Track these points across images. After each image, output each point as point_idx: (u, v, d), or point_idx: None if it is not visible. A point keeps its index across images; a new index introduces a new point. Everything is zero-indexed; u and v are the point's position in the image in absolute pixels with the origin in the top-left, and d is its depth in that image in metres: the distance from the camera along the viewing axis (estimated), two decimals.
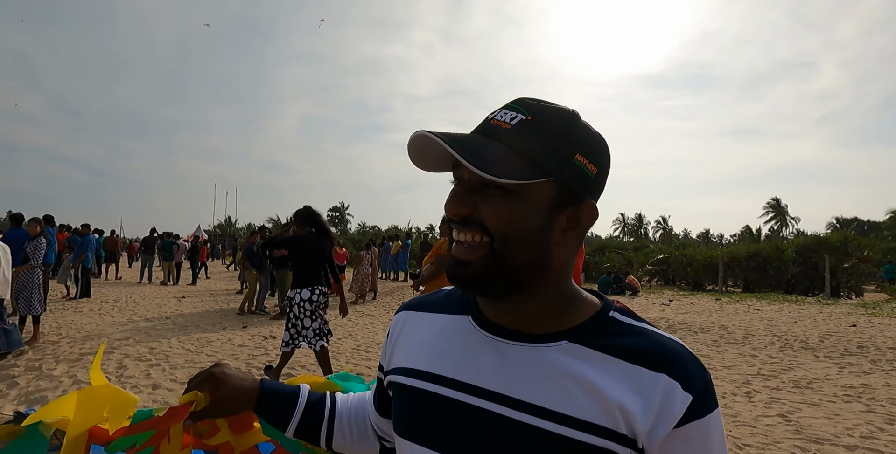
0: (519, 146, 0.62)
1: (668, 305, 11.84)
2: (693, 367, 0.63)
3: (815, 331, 8.08)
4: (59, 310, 9.56)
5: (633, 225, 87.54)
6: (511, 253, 0.63)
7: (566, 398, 0.62)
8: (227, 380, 0.84)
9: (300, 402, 0.89)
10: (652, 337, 0.65)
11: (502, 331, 0.68)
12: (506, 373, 0.65)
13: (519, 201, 0.62)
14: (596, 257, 23.60)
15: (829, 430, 3.83)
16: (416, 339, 0.76)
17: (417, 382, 0.71)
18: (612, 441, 0.60)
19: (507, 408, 0.63)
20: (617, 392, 0.61)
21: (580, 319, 0.67)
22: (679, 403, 0.60)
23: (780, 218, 72.30)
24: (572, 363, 0.64)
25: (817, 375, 5.52)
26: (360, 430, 0.91)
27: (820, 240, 18.52)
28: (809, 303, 12.33)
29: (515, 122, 0.63)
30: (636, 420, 0.60)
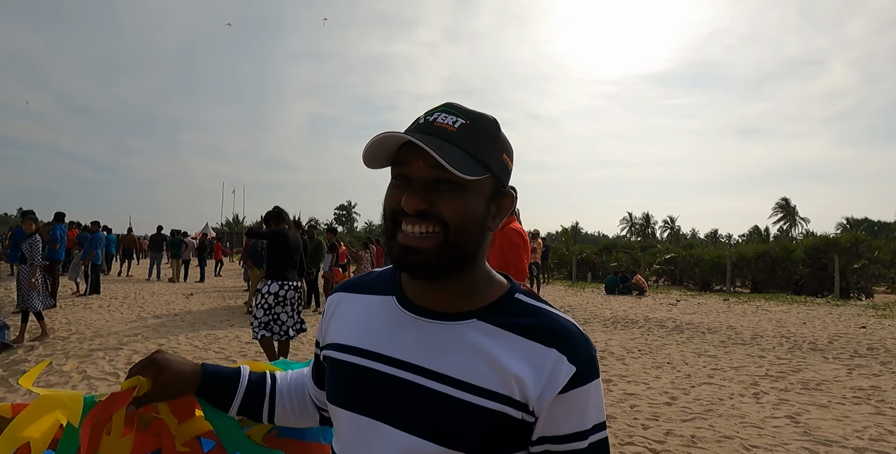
0: (467, 147, 0.72)
1: (675, 305, 11.79)
2: (579, 344, 0.73)
3: (824, 333, 8.02)
4: (69, 306, 9.65)
5: (641, 224, 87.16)
6: (463, 240, 0.72)
7: (472, 369, 0.72)
8: (169, 365, 0.88)
9: (242, 382, 0.95)
10: (548, 316, 0.76)
11: (422, 311, 0.77)
12: (423, 348, 0.75)
13: (469, 195, 0.72)
14: (603, 257, 23.53)
15: (837, 432, 3.80)
16: (348, 318, 0.85)
17: (347, 356, 0.80)
18: (508, 406, 0.71)
19: (423, 378, 0.73)
20: (514, 364, 0.71)
21: (489, 300, 0.77)
22: (564, 373, 0.71)
23: (789, 218, 71.74)
24: (479, 339, 0.74)
25: (826, 377, 5.48)
26: (300, 403, 0.98)
27: (829, 240, 18.36)
28: (818, 305, 12.24)
29: (458, 126, 0.73)
30: (528, 387, 0.70)
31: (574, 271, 21.36)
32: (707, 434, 3.73)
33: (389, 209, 0.74)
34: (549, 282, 18.50)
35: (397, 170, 0.74)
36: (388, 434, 0.73)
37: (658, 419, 4.06)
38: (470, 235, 0.72)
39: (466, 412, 0.70)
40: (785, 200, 72.77)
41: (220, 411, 0.94)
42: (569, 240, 25.52)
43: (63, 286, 11.41)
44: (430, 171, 0.70)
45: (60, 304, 9.67)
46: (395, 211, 0.73)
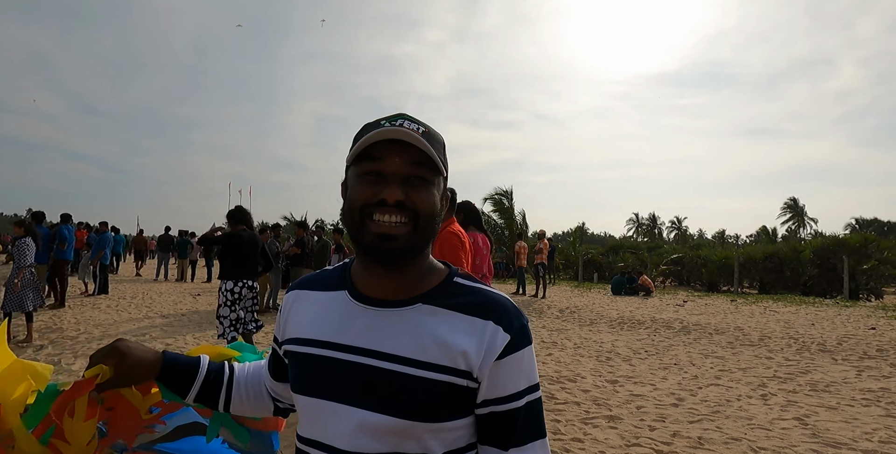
0: (428, 150, 0.80)
1: (682, 306, 11.72)
2: (512, 315, 0.83)
3: (832, 334, 7.95)
4: (77, 306, 9.73)
5: (647, 225, 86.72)
6: (427, 229, 0.82)
7: (417, 347, 0.80)
8: (131, 353, 0.94)
9: (200, 371, 1.01)
10: (484, 294, 0.85)
11: (371, 301, 0.85)
12: (373, 333, 0.82)
13: (434, 189, 0.83)
14: (609, 257, 23.45)
15: (846, 435, 3.76)
16: (304, 314, 0.91)
17: (305, 348, 0.87)
18: (453, 375, 0.79)
19: (375, 359, 0.81)
20: (457, 338, 0.80)
21: (432, 285, 0.86)
22: (500, 341, 0.80)
23: (797, 218, 71.14)
24: (424, 319, 0.82)
25: (835, 378, 5.43)
26: (255, 394, 1.05)
27: (838, 241, 18.20)
28: (827, 306, 12.13)
29: (421, 132, 0.82)
30: (471, 357, 0.79)
31: (580, 272, 21.29)
32: (714, 435, 3.71)
33: (360, 202, 0.81)
34: (555, 282, 18.44)
35: (368, 165, 0.82)
36: (348, 412, 0.81)
37: (665, 420, 4.04)
38: (432, 224, 0.83)
39: (416, 385, 0.79)
40: (793, 200, 72.18)
41: (178, 396, 0.99)
42: (575, 241, 25.44)
43: (72, 286, 11.50)
44: (407, 167, 0.80)
45: (69, 304, 9.74)
46: (366, 203, 0.81)
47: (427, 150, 0.80)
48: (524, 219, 22.35)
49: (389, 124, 0.81)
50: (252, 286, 5.27)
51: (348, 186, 0.86)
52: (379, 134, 0.80)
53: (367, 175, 0.82)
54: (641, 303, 12.29)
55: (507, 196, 21.99)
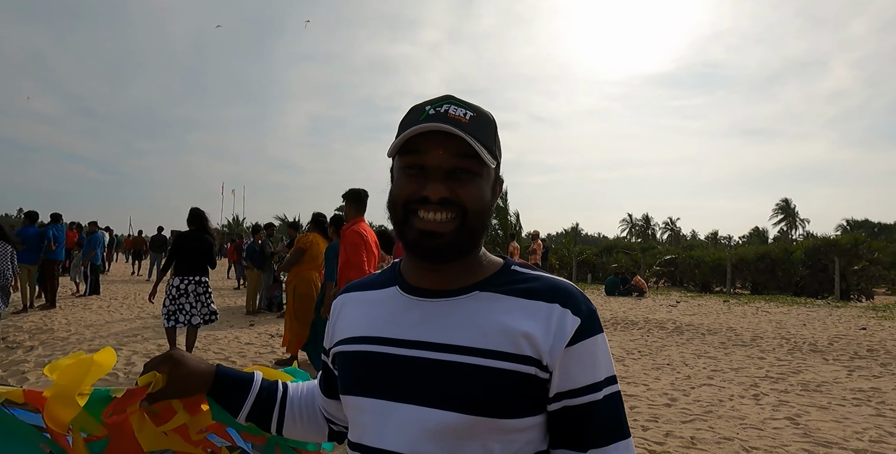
0: (479, 137, 0.75)
1: (675, 307, 11.77)
2: (580, 299, 0.78)
3: (824, 334, 8.01)
4: (68, 306, 9.65)
5: (641, 225, 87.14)
6: (478, 224, 0.77)
7: (477, 334, 0.74)
8: (185, 363, 0.89)
9: (254, 387, 0.94)
10: (546, 279, 0.80)
11: (424, 292, 0.80)
12: (426, 324, 0.77)
13: (482, 182, 0.78)
14: (603, 258, 23.50)
15: (837, 434, 3.79)
16: (353, 315, 0.87)
17: (354, 346, 0.82)
18: (519, 363, 0.72)
19: (430, 351, 0.75)
20: (520, 322, 0.74)
21: (488, 273, 0.81)
22: (570, 325, 0.74)
23: (789, 219, 71.70)
24: (481, 306, 0.77)
25: (826, 378, 5.47)
26: (310, 415, 0.98)
27: (830, 241, 18.33)
28: (819, 306, 12.22)
29: (469, 118, 0.76)
30: (538, 341, 0.73)
31: (574, 272, 21.34)
32: (707, 435, 3.72)
33: (403, 197, 0.76)
34: None
35: (411, 159, 0.77)
36: (406, 411, 0.74)
37: (658, 420, 4.05)
38: (482, 219, 0.78)
39: (478, 376, 0.72)
40: (785, 201, 72.74)
41: (228, 414, 0.94)
42: (569, 242, 25.50)
43: (63, 286, 11.40)
44: (451, 159, 0.75)
45: (60, 305, 9.66)
46: (409, 199, 0.76)
47: (472, 142, 0.73)
48: (518, 219, 22.39)
49: (434, 110, 0.76)
50: (200, 281, 5.55)
51: (392, 179, 0.82)
52: (420, 129, 0.74)
53: (410, 168, 0.77)
54: (635, 304, 12.33)
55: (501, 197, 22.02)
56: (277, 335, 7.27)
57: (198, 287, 5.51)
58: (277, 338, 7.08)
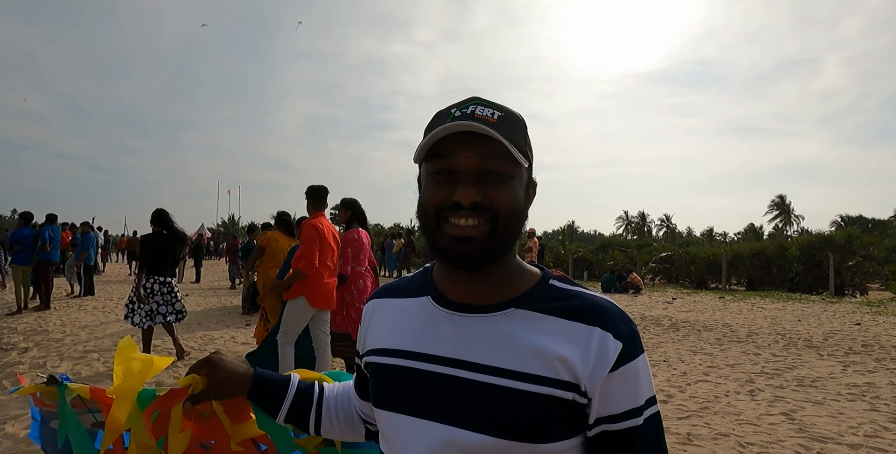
0: (508, 137, 0.72)
1: (671, 303, 11.82)
2: (620, 320, 0.73)
3: (819, 330, 8.05)
4: (63, 308, 9.60)
5: (637, 223, 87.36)
6: (510, 228, 0.74)
7: (513, 356, 0.71)
8: (223, 365, 0.93)
9: (290, 389, 0.96)
10: (586, 298, 0.76)
11: (458, 306, 0.77)
12: (461, 341, 0.74)
13: (515, 184, 0.74)
14: (599, 255, 23.56)
15: (832, 429, 3.81)
16: (385, 323, 0.85)
17: (387, 359, 0.80)
18: (555, 387, 0.70)
19: (462, 370, 0.72)
20: (558, 345, 0.71)
21: (525, 288, 0.77)
22: (612, 350, 0.71)
23: (784, 216, 72.02)
24: (518, 326, 0.73)
25: (821, 374, 5.50)
26: (346, 415, 0.98)
27: (824, 238, 18.43)
28: (813, 302, 12.29)
29: (497, 117, 0.73)
30: (576, 367, 0.70)
31: (570, 270, 21.38)
32: (703, 431, 3.73)
33: (434, 204, 0.73)
34: None
35: (439, 163, 0.74)
36: (435, 430, 0.72)
37: None
38: (516, 223, 0.74)
39: (515, 400, 0.70)
40: (780, 198, 73.05)
41: (273, 421, 0.97)
42: (565, 239, 25.55)
43: (58, 287, 11.34)
44: (480, 161, 0.71)
45: (55, 306, 9.61)
46: (440, 206, 0.73)
47: (503, 140, 0.70)
48: None
49: (460, 112, 0.73)
50: (165, 281, 5.62)
51: (420, 185, 0.78)
52: (446, 128, 0.71)
53: (439, 174, 0.73)
54: (631, 301, 12.37)
55: None
56: None
57: (163, 287, 5.61)
58: None
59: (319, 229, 4.18)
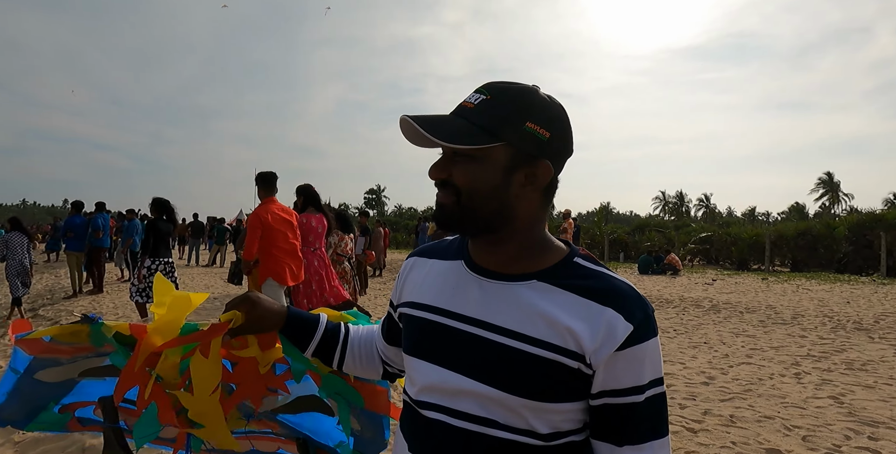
0: (476, 119, 0.77)
1: (711, 285, 11.55)
2: (635, 304, 0.78)
3: (869, 312, 7.75)
4: (114, 291, 10.06)
5: (675, 203, 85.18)
6: (474, 204, 0.79)
7: (528, 322, 0.78)
8: (261, 303, 1.02)
9: (320, 327, 1.06)
10: (605, 278, 0.81)
11: (485, 272, 0.85)
12: (485, 304, 0.82)
13: (479, 164, 0.78)
14: (636, 236, 23.15)
15: (884, 414, 3.69)
16: (421, 279, 0.93)
17: (420, 312, 0.89)
18: (562, 355, 0.77)
19: (484, 330, 0.81)
20: (568, 319, 0.77)
21: (550, 263, 0.84)
22: (621, 331, 0.76)
23: (832, 194, 68.95)
24: (537, 296, 0.80)
25: (872, 357, 5.31)
26: (367, 355, 1.09)
27: (875, 216, 17.55)
28: (863, 283, 11.81)
29: (478, 102, 0.78)
30: (584, 340, 0.76)
31: (606, 252, 21.10)
32: (747, 413, 3.68)
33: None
34: None
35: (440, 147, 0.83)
36: (454, 378, 0.81)
37: (696, 399, 4.02)
38: (481, 201, 0.79)
39: (523, 360, 0.77)
40: (828, 175, 69.85)
41: (297, 350, 1.07)
42: (600, 220, 25.15)
43: (109, 273, 11.88)
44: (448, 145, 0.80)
45: (107, 290, 10.08)
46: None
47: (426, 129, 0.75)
48: None
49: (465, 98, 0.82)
50: (168, 262, 6.45)
51: None
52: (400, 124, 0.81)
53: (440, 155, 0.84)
54: (669, 282, 12.15)
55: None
56: None
57: (166, 267, 6.40)
58: None
59: (262, 218, 4.49)
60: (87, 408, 1.27)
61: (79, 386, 1.24)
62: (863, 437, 3.29)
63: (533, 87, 0.81)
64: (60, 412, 1.26)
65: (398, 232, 31.53)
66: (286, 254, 4.63)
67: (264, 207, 4.65)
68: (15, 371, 1.17)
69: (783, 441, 3.22)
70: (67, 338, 1.11)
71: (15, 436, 3.18)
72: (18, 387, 1.18)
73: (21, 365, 1.16)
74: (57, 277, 12.14)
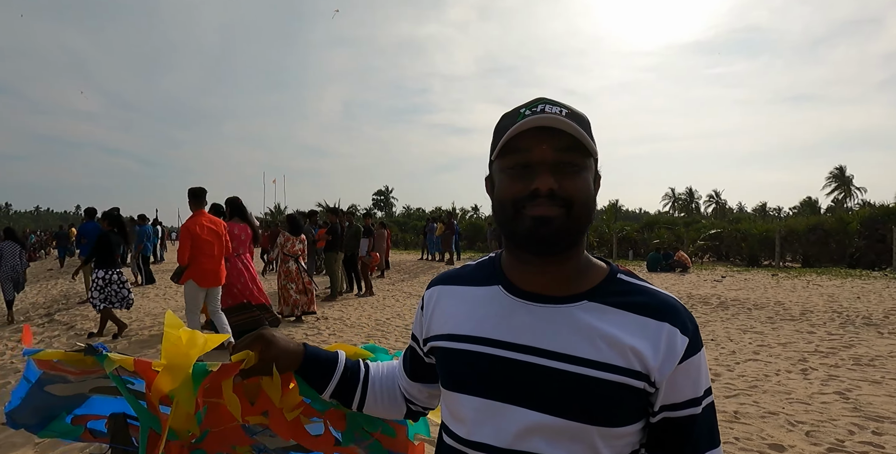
0: (577, 133, 0.77)
1: (720, 282, 11.50)
2: (686, 317, 0.80)
3: (879, 307, 7.70)
4: None
5: (684, 200, 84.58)
6: (583, 215, 0.79)
7: (589, 346, 0.76)
8: (275, 342, 0.96)
9: (339, 366, 1.00)
10: (653, 294, 0.81)
11: (531, 296, 0.81)
12: (537, 330, 0.79)
13: (586, 174, 0.79)
14: (644, 233, 23.05)
15: (890, 409, 3.69)
16: (453, 309, 0.88)
17: (462, 345, 0.83)
18: (628, 377, 0.75)
19: (540, 358, 0.77)
20: (629, 338, 0.76)
21: (595, 282, 0.82)
22: (680, 344, 0.77)
23: (844, 188, 68.09)
24: (592, 318, 0.78)
25: (880, 352, 5.29)
26: (389, 395, 1.03)
27: (888, 210, 17.37)
28: (875, 278, 11.70)
29: (566, 114, 0.78)
30: (647, 358, 0.75)
31: (615, 249, 21.04)
32: (751, 410, 3.70)
33: (511, 195, 0.78)
34: None
35: (514, 158, 0.79)
36: (515, 413, 0.77)
37: None
38: (588, 211, 0.79)
39: (588, 386, 0.75)
40: (840, 169, 68.98)
41: (314, 391, 1.01)
42: (609, 218, 25.06)
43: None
44: (555, 154, 0.77)
45: None
46: (517, 198, 0.78)
47: (577, 134, 0.76)
48: None
49: (530, 112, 0.78)
50: (119, 272, 6.70)
51: (494, 182, 0.84)
52: (523, 124, 0.77)
53: (514, 168, 0.79)
54: (678, 280, 12.11)
55: None
56: (323, 318, 7.52)
57: (119, 277, 6.66)
58: (323, 320, 7.33)
59: (191, 229, 5.15)
60: (100, 421, 1.24)
61: (90, 400, 1.22)
62: (867, 432, 3.30)
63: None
64: (73, 423, 1.24)
65: (406, 233, 31.61)
66: (210, 259, 5.28)
67: (194, 219, 5.29)
68: (27, 380, 1.16)
69: (786, 436, 3.24)
70: (73, 364, 1.06)
71: (35, 437, 3.28)
72: (31, 396, 1.16)
73: (33, 376, 1.15)
74: (72, 283, 12.32)
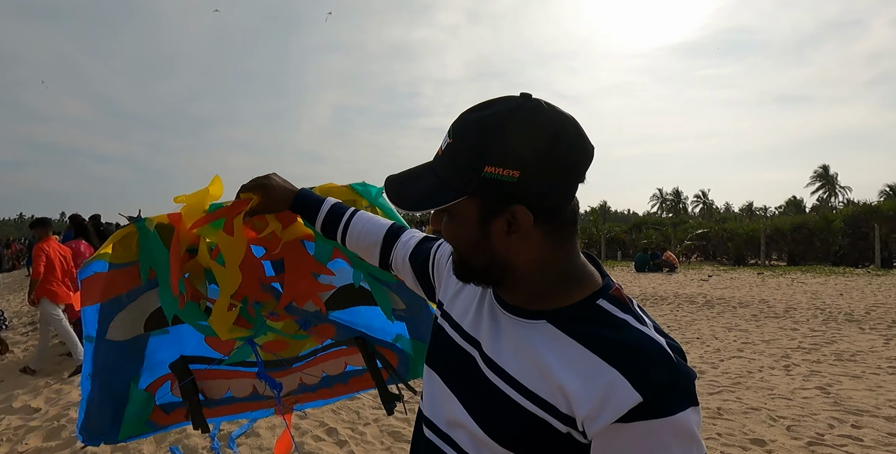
0: (442, 173, 0.70)
1: (706, 281, 11.62)
2: (655, 369, 0.62)
3: (861, 303, 7.83)
4: None
5: (672, 200, 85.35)
6: (466, 260, 0.75)
7: (524, 369, 0.70)
8: (273, 189, 1.15)
9: (324, 206, 1.17)
10: (626, 331, 0.66)
11: (505, 304, 0.77)
12: (495, 340, 0.76)
13: (454, 221, 0.72)
14: (632, 235, 23.22)
15: (869, 402, 3.76)
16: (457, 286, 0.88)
17: (452, 331, 0.84)
18: (551, 415, 0.66)
19: (487, 368, 0.75)
20: (564, 375, 0.65)
21: (565, 303, 0.71)
22: (624, 399, 0.60)
23: (828, 187, 69.04)
24: (540, 341, 0.70)
25: (861, 348, 5.38)
26: (367, 243, 1.14)
27: (871, 208, 17.69)
28: (858, 275, 11.89)
29: (445, 148, 0.70)
30: (574, 403, 0.64)
31: (603, 250, 21.17)
32: (734, 406, 3.75)
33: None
34: None
35: None
36: (457, 408, 0.77)
37: None
38: (467, 256, 0.74)
39: (511, 410, 0.69)
40: (824, 168, 69.92)
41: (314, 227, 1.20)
42: (597, 220, 25.22)
43: None
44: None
45: None
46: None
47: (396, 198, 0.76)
48: None
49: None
50: None
51: None
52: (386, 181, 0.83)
53: None
54: (665, 280, 12.22)
55: None
56: None
57: None
58: None
59: (44, 250, 5.61)
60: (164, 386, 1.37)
61: (148, 354, 1.33)
62: (846, 425, 3.36)
63: (516, 101, 0.67)
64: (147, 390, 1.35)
65: None
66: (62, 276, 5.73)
67: (44, 244, 5.74)
68: (89, 338, 1.23)
69: (768, 431, 3.29)
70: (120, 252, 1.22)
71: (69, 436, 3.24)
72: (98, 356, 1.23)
73: (92, 327, 1.22)
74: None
